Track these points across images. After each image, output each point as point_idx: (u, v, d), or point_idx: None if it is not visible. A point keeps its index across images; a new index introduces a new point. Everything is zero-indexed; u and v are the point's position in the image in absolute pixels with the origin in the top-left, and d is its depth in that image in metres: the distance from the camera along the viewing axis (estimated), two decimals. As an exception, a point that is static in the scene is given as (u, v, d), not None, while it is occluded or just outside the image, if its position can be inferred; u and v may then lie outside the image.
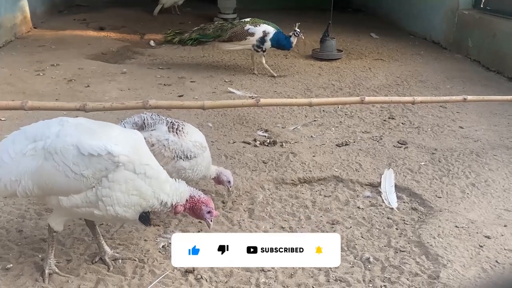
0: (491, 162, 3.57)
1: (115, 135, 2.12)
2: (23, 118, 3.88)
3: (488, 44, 6.24)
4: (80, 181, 2.00)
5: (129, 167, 2.04)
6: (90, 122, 2.23)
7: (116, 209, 2.06)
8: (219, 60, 6.44)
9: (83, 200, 2.04)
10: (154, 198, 2.12)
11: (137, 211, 2.13)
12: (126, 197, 2.05)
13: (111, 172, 2.01)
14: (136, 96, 4.79)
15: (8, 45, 6.59)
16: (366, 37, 8.00)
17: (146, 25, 8.45)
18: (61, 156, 2.00)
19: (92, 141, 2.02)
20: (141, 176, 2.06)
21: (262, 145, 3.81)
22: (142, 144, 2.21)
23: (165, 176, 2.18)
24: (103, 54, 6.54)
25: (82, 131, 2.10)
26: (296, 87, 5.37)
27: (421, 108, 4.64)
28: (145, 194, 2.09)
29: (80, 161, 1.99)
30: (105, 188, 2.02)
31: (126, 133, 2.24)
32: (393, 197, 3.06)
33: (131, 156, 2.05)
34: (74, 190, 2.03)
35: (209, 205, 2.25)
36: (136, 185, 2.06)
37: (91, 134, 2.08)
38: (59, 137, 2.05)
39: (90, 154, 1.99)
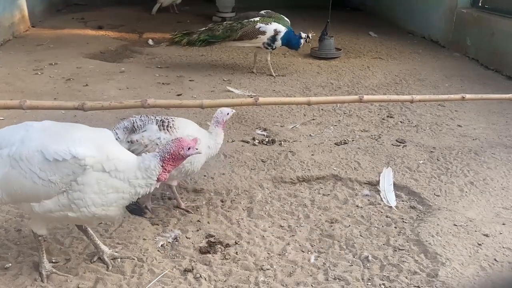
0: (490, 160, 3.58)
1: (80, 136, 2.07)
2: (21, 117, 3.87)
3: (487, 42, 6.25)
4: (48, 187, 1.97)
5: (98, 167, 1.99)
6: (56, 124, 2.20)
7: (92, 210, 2.02)
8: (217, 59, 6.43)
9: (56, 205, 2.01)
10: (134, 187, 2.07)
11: (122, 204, 2.10)
12: (102, 197, 2.02)
13: (79, 175, 1.97)
14: (134, 95, 4.79)
15: (6, 44, 6.58)
16: (364, 35, 8.00)
17: (145, 24, 8.45)
18: (27, 163, 1.97)
19: (57, 145, 1.98)
20: (112, 173, 2.02)
21: (260, 144, 3.82)
22: (108, 140, 2.16)
23: (135, 162, 2.09)
24: (102, 53, 6.53)
25: (46, 135, 2.06)
26: (295, 86, 5.37)
27: (419, 106, 4.65)
28: (122, 188, 2.05)
29: (46, 167, 1.95)
30: (76, 191, 1.99)
31: (91, 132, 2.18)
32: (391, 196, 3.06)
33: (98, 156, 2.00)
34: (44, 196, 2.00)
35: (183, 145, 2.15)
36: (109, 184, 2.01)
37: (55, 137, 2.04)
38: (23, 143, 2.01)
39: (55, 160, 1.94)
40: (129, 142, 2.60)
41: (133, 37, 7.56)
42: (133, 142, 2.59)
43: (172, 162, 2.14)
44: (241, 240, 2.59)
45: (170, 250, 2.50)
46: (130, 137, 2.61)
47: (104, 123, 3.98)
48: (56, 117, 4.05)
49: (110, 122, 3.95)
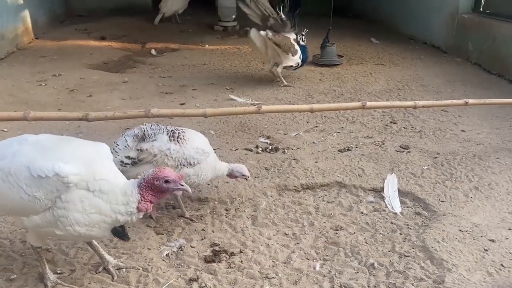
0: (494, 165, 3.56)
1: (70, 152, 2.05)
2: (25, 129, 3.90)
3: (488, 47, 6.25)
4: (34, 203, 1.96)
5: (82, 186, 1.97)
6: (50, 139, 2.19)
7: (77, 229, 1.99)
8: (220, 68, 6.46)
9: (43, 221, 2.00)
10: (114, 213, 2.02)
11: (105, 228, 2.05)
12: (85, 217, 1.99)
13: (63, 193, 1.96)
14: (138, 105, 4.81)
15: (10, 56, 6.63)
16: (366, 42, 8.03)
17: (147, 34, 8.49)
18: (15, 178, 1.97)
19: (43, 161, 1.97)
20: (96, 193, 1.99)
21: (264, 152, 3.82)
22: (100, 157, 2.12)
23: (121, 186, 2.05)
24: (105, 63, 6.57)
25: (37, 150, 2.05)
26: (297, 93, 5.38)
27: (422, 112, 4.64)
28: (105, 211, 2.00)
29: (31, 183, 1.95)
30: (60, 208, 1.97)
31: (85, 147, 2.16)
32: (396, 202, 3.05)
33: (83, 174, 1.97)
34: (31, 211, 1.99)
35: (159, 175, 2.05)
36: (93, 203, 1.98)
37: (45, 153, 2.03)
38: (14, 157, 2.02)
39: (39, 176, 1.94)
40: (138, 150, 2.60)
41: (136, 47, 7.61)
42: (142, 150, 2.59)
43: (151, 191, 2.06)
44: (246, 249, 2.58)
45: (175, 259, 2.50)
46: (139, 145, 2.61)
47: (108, 133, 4.01)
48: (60, 128, 4.10)
49: (114, 132, 3.97)
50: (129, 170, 2.58)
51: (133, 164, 2.59)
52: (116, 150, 2.61)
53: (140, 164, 2.59)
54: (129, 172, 2.57)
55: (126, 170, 2.58)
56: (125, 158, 2.59)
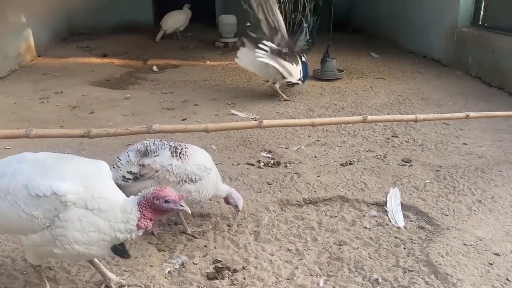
0: (497, 178, 3.55)
1: (69, 170, 2.04)
2: (27, 146, 3.91)
3: (488, 60, 6.28)
4: (32, 222, 1.95)
5: (80, 204, 1.96)
6: (49, 157, 2.18)
7: (75, 247, 1.98)
8: (221, 83, 6.49)
9: (41, 240, 1.99)
10: (114, 231, 2.00)
11: (104, 246, 2.03)
12: (84, 235, 1.97)
13: (61, 212, 1.94)
14: (140, 121, 4.83)
15: (13, 74, 6.68)
16: (366, 56, 8.07)
17: (149, 51, 8.56)
18: (13, 196, 1.96)
19: (41, 180, 1.96)
20: (95, 211, 1.97)
21: (266, 166, 3.81)
22: (99, 175, 2.11)
23: (120, 203, 2.03)
24: (107, 80, 6.61)
25: (35, 168, 2.05)
26: (298, 108, 5.39)
27: (424, 125, 4.65)
28: (103, 229, 1.99)
29: (30, 202, 1.94)
30: (59, 227, 1.96)
31: (84, 165, 2.14)
32: (399, 216, 3.04)
33: (82, 193, 1.96)
34: (29, 230, 1.98)
35: (159, 194, 2.04)
36: (91, 222, 1.97)
37: (43, 171, 2.03)
38: (13, 176, 2.01)
39: (37, 195, 1.93)
40: (140, 165, 2.59)
41: (138, 64, 7.66)
42: (144, 166, 2.58)
43: (151, 210, 2.05)
44: (248, 265, 2.56)
45: (177, 276, 2.48)
46: (142, 161, 2.60)
47: (110, 149, 4.01)
48: (62, 145, 4.10)
49: (116, 148, 3.98)
50: (130, 185, 2.58)
51: (135, 179, 2.59)
52: (118, 165, 2.61)
53: (142, 179, 2.59)
54: (130, 187, 2.57)
55: (128, 185, 2.57)
56: (127, 173, 2.59)
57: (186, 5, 9.64)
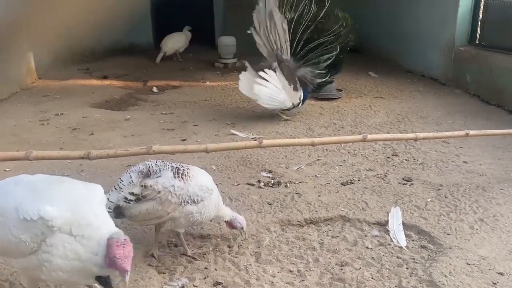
0: (498, 196, 3.54)
1: (60, 194, 2.02)
2: (27, 168, 3.90)
3: (486, 78, 6.32)
4: (20, 245, 1.92)
5: (65, 230, 1.92)
6: (44, 179, 2.16)
7: (60, 274, 1.92)
8: (221, 103, 6.52)
9: (29, 264, 1.96)
10: (90, 261, 1.93)
11: (86, 276, 1.97)
12: (66, 263, 1.92)
13: (48, 237, 1.91)
14: (140, 142, 4.83)
15: (13, 96, 6.71)
16: (364, 76, 8.13)
17: (149, 72, 8.62)
18: (5, 219, 1.94)
19: (31, 203, 1.94)
20: (78, 238, 1.93)
21: (266, 186, 3.80)
22: (91, 200, 2.06)
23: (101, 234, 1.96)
24: (107, 102, 6.64)
25: (28, 191, 2.03)
26: (298, 127, 5.40)
27: (424, 144, 4.65)
28: (84, 259, 1.93)
29: (18, 225, 1.92)
30: (45, 253, 1.92)
31: (76, 189, 2.10)
32: (401, 236, 3.01)
33: (69, 218, 1.92)
34: (18, 253, 1.96)
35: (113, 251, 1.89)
36: (73, 249, 1.92)
37: (34, 195, 2.00)
38: (7, 198, 2.00)
39: (25, 219, 1.91)
40: (142, 186, 2.58)
41: (138, 85, 7.70)
42: (147, 187, 2.57)
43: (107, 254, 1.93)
44: (249, 287, 2.53)
45: (178, 299, 2.44)
46: (144, 182, 2.59)
47: (109, 171, 4.01)
48: (62, 167, 4.10)
49: (116, 170, 3.97)
50: (132, 206, 2.57)
51: (137, 200, 2.57)
52: (120, 186, 2.60)
53: (143, 200, 2.57)
54: (132, 208, 2.56)
55: (129, 207, 2.56)
56: (129, 195, 2.58)
57: (186, 27, 9.75)
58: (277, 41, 5.59)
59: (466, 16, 6.91)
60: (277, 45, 5.60)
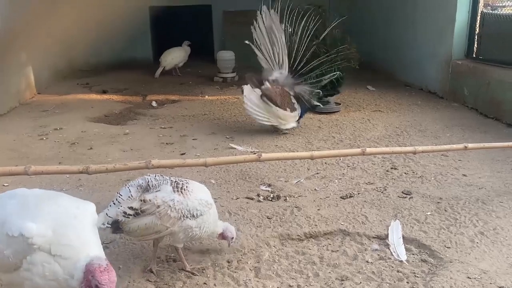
0: (498, 209, 3.53)
1: (47, 211, 1.98)
2: (26, 183, 3.88)
3: (484, 92, 6.35)
4: (4, 260, 1.90)
5: (45, 248, 1.88)
6: (36, 194, 2.14)
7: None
8: (220, 117, 6.54)
9: (14, 280, 1.93)
10: (66, 283, 1.88)
11: None
12: (45, 283, 1.88)
13: (29, 254, 1.88)
14: (138, 156, 4.83)
15: (12, 111, 6.73)
16: (362, 89, 8.16)
17: (148, 86, 8.66)
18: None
19: (16, 219, 1.92)
20: (56, 258, 1.88)
21: (265, 200, 3.79)
22: (76, 220, 2.00)
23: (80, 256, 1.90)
24: (106, 116, 6.65)
25: (18, 206, 2.01)
26: (297, 141, 5.41)
27: (423, 157, 4.65)
28: (60, 280, 1.88)
29: (4, 240, 1.90)
30: (26, 270, 1.89)
31: (65, 207, 2.06)
32: (401, 249, 3.00)
33: (49, 236, 1.88)
34: (4, 268, 1.93)
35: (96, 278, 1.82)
36: (52, 269, 1.87)
37: (22, 210, 1.99)
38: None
39: (8, 234, 1.89)
40: (141, 201, 2.57)
41: (137, 100, 7.72)
42: (146, 201, 2.56)
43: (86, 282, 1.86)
44: (249, 302, 2.51)
45: (177, 315, 2.42)
46: (143, 196, 2.58)
47: (108, 185, 4.00)
48: (60, 182, 4.09)
49: (115, 184, 3.96)
50: (131, 221, 2.55)
51: (136, 215, 2.56)
52: (119, 200, 2.59)
53: (142, 215, 2.56)
54: (131, 223, 2.54)
55: (128, 221, 2.55)
56: (128, 209, 2.56)
57: (185, 42, 9.82)
58: (277, 54, 5.62)
59: (463, 30, 6.98)
60: (277, 58, 5.64)
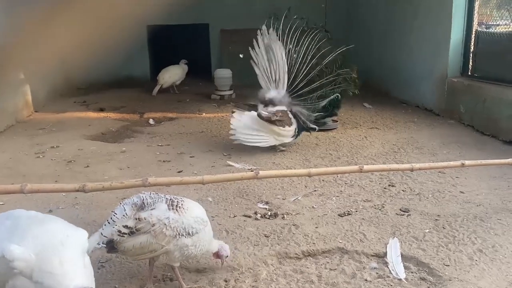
0: (496, 226, 3.52)
1: (34, 235, 1.95)
2: (22, 201, 3.86)
3: (480, 109, 6.39)
4: None
5: (26, 274, 1.84)
6: (30, 217, 2.11)
7: None
8: (217, 134, 6.54)
9: None
10: None
11: None
12: None
13: (11, 278, 1.85)
14: (135, 174, 4.81)
15: (9, 129, 6.71)
16: (359, 107, 8.20)
17: (145, 104, 8.67)
18: None
19: (2, 240, 1.90)
20: (38, 285, 1.84)
21: (263, 218, 3.77)
22: (63, 247, 1.96)
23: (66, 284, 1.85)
24: (103, 134, 6.64)
25: (9, 229, 1.99)
26: (294, 158, 5.41)
27: (420, 174, 4.65)
28: None
29: None
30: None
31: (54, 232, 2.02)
32: (400, 268, 2.97)
33: (31, 262, 1.84)
34: None
35: None
36: None
37: (11, 232, 1.96)
38: None
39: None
40: (136, 219, 2.55)
41: (134, 118, 7.73)
42: (141, 219, 2.54)
43: None
44: (247, 322, 2.48)
45: (173, 335, 2.38)
46: (138, 214, 2.56)
47: (104, 203, 3.97)
48: (56, 200, 4.06)
49: (111, 203, 3.93)
50: (126, 240, 2.53)
51: (131, 233, 2.54)
52: (114, 219, 2.57)
53: (137, 234, 2.54)
54: (125, 242, 2.52)
55: (123, 241, 2.52)
56: (123, 228, 2.54)
57: (182, 60, 9.88)
58: (274, 72, 5.65)
59: (458, 48, 7.05)
60: (274, 77, 5.66)
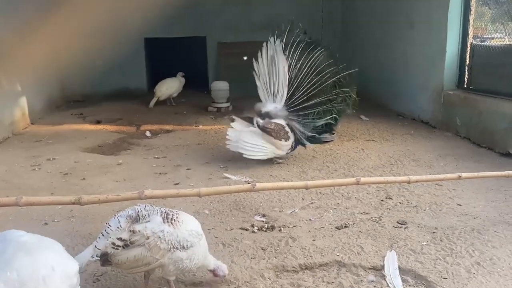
0: (494, 239, 3.51)
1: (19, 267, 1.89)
2: (17, 214, 3.83)
3: (476, 122, 6.42)
4: None
5: None
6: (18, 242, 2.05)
7: None
8: (214, 147, 6.54)
9: None
10: None
11: None
12: None
13: None
14: (132, 186, 4.78)
15: (5, 141, 6.70)
16: (356, 119, 8.21)
17: (142, 116, 8.68)
18: None
19: None
20: None
21: (260, 231, 3.75)
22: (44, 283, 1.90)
23: None
24: (99, 146, 6.63)
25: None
26: (291, 170, 5.40)
27: (417, 187, 4.65)
28: None
29: None
30: None
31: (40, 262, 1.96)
32: (398, 281, 2.95)
33: None
34: None
35: None
36: None
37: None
38: None
39: None
40: (131, 231, 2.53)
41: (131, 130, 7.72)
42: (135, 232, 2.52)
43: None
44: (243, 337, 2.45)
45: None
46: (132, 227, 2.54)
47: (100, 216, 3.94)
48: (52, 213, 4.03)
49: (107, 215, 3.90)
50: (119, 253, 2.51)
51: (125, 246, 2.51)
52: (108, 231, 2.55)
53: (131, 246, 2.51)
54: (119, 255, 2.50)
55: (117, 253, 2.50)
56: (117, 240, 2.52)
57: (179, 73, 9.91)
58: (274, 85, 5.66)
59: (454, 61, 7.09)
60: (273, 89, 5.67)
